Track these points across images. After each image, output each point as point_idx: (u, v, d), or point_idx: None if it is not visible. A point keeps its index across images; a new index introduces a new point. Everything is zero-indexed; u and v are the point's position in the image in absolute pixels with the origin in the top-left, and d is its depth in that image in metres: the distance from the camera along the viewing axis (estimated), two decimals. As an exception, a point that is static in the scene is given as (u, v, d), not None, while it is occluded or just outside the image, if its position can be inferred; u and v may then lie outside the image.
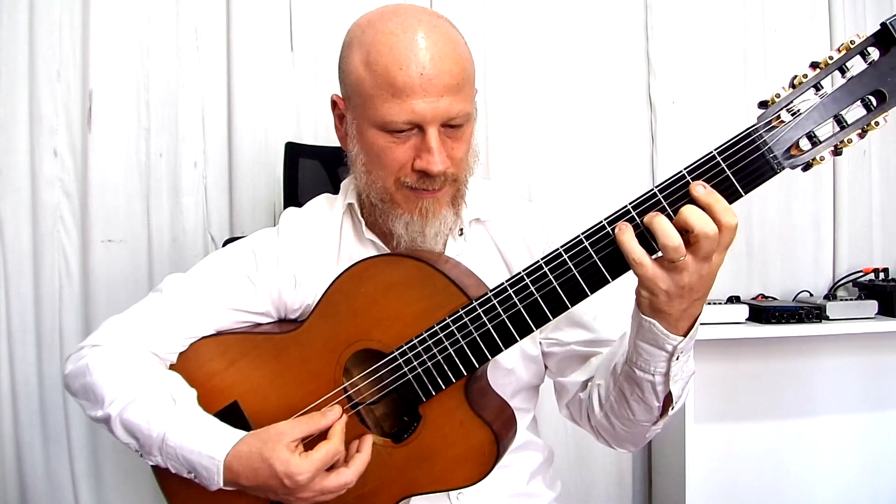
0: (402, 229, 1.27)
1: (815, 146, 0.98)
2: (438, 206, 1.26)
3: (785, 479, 2.63)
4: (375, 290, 1.20)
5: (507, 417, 1.25)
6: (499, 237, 1.39)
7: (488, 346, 1.14)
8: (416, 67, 1.16)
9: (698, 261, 1.00)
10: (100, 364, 1.25)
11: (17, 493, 2.33)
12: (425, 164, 1.20)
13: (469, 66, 1.23)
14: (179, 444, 1.16)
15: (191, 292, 1.32)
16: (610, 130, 2.55)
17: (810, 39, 2.62)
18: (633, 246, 1.02)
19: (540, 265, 1.09)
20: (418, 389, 1.18)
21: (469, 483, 1.20)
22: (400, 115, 1.18)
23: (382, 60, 1.18)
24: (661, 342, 1.09)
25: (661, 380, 1.14)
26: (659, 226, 1.00)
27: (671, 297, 1.03)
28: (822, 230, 2.66)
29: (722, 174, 0.99)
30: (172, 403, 1.20)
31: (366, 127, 1.24)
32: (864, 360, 2.64)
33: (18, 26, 2.25)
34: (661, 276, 1.02)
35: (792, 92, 0.98)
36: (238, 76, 2.35)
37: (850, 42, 0.95)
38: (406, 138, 1.21)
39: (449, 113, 1.19)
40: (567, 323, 1.34)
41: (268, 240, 1.38)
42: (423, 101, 1.17)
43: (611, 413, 1.27)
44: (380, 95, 1.19)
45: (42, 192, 2.30)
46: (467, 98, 1.22)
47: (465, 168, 1.27)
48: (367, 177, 1.28)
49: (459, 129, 1.23)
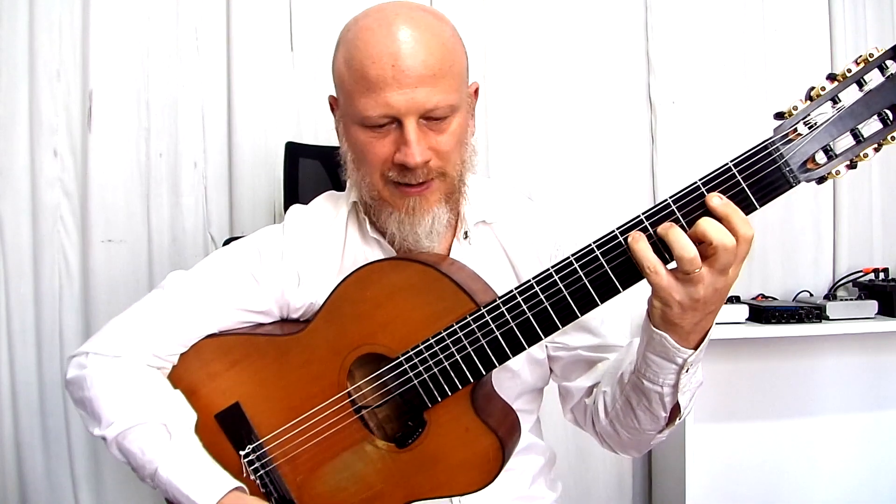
0: (395, 227, 1.27)
1: (831, 160, 0.97)
2: (427, 203, 1.25)
3: (785, 479, 2.64)
4: (381, 294, 1.19)
5: (512, 423, 1.25)
6: (505, 239, 1.37)
7: (496, 353, 1.13)
8: (388, 59, 1.15)
9: (714, 273, 0.99)
10: (99, 379, 1.26)
11: (17, 493, 2.32)
12: (403, 156, 1.19)
13: (452, 56, 1.21)
14: (169, 482, 1.18)
15: (194, 290, 1.31)
16: (610, 130, 2.54)
17: (810, 39, 2.62)
18: (647, 254, 1.01)
19: (550, 273, 1.08)
20: (424, 395, 1.18)
21: (474, 489, 1.19)
22: (375, 109, 1.17)
23: (358, 55, 1.18)
24: (671, 355, 1.09)
25: (669, 391, 1.13)
26: (674, 237, 0.99)
27: (685, 309, 1.03)
28: (822, 230, 2.67)
29: (737, 186, 0.99)
30: (168, 438, 1.21)
31: (349, 124, 1.24)
32: (864, 360, 2.64)
33: (18, 26, 2.24)
34: (675, 286, 1.01)
35: (809, 105, 0.97)
36: (238, 76, 2.35)
37: (869, 55, 0.95)
38: (386, 133, 1.20)
39: (426, 104, 1.17)
40: (574, 327, 1.32)
41: (272, 237, 1.37)
42: (397, 93, 1.15)
43: (616, 421, 1.27)
44: (357, 91, 1.18)
45: (42, 192, 2.29)
46: (449, 89, 1.20)
47: (453, 162, 1.25)
48: (357, 175, 1.28)
49: (442, 122, 1.21)
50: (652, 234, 1.01)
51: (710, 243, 0.97)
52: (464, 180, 1.30)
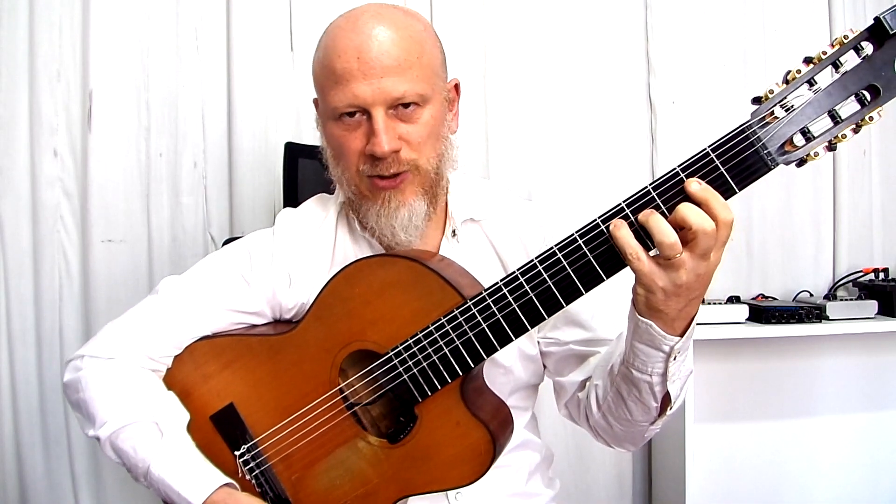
0: (374, 221, 1.28)
1: (809, 142, 0.98)
2: (402, 196, 1.26)
3: (785, 479, 2.63)
4: (369, 291, 1.20)
5: (504, 416, 1.25)
6: (494, 236, 1.38)
7: (483, 345, 1.13)
8: (353, 52, 1.19)
9: (695, 257, 1.00)
10: (94, 381, 1.27)
11: (17, 493, 2.33)
12: (372, 146, 1.21)
13: (421, 48, 1.23)
14: (161, 479, 1.19)
15: (186, 294, 1.33)
16: (610, 130, 2.55)
17: (810, 39, 2.61)
18: (629, 241, 1.01)
19: (534, 264, 1.08)
20: (414, 389, 1.18)
21: (465, 482, 1.19)
22: (343, 100, 1.20)
23: (327, 53, 1.22)
24: (657, 343, 1.09)
25: (658, 380, 1.13)
26: (654, 223, 0.99)
27: (668, 295, 1.03)
28: (822, 230, 2.66)
29: (716, 171, 0.99)
30: (159, 436, 1.22)
31: (326, 121, 1.28)
32: (864, 360, 2.64)
33: (18, 26, 2.25)
34: (658, 272, 1.01)
35: (785, 88, 0.98)
36: (238, 76, 2.36)
37: (844, 37, 0.95)
38: (357, 125, 1.23)
39: (392, 93, 1.19)
40: (565, 322, 1.34)
41: (263, 240, 1.39)
42: (363, 84, 1.18)
43: (608, 413, 1.27)
44: (327, 85, 1.23)
45: (42, 192, 2.30)
46: (418, 79, 1.21)
47: (426, 155, 1.26)
48: (337, 171, 1.30)
49: (413, 111, 1.23)
50: (633, 221, 1.02)
51: (690, 228, 0.98)
52: (441, 174, 1.30)
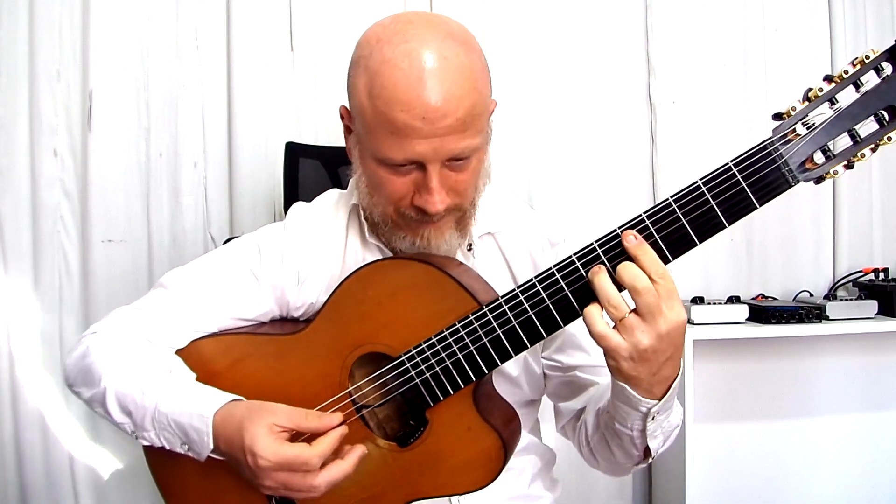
0: (404, 247, 1.26)
1: (829, 160, 0.98)
2: (440, 233, 1.23)
3: (785, 479, 2.64)
4: (383, 293, 1.19)
5: (514, 423, 1.25)
6: (507, 249, 1.36)
7: (498, 351, 1.13)
8: (418, 109, 1.09)
9: (644, 318, 0.99)
10: (100, 345, 1.23)
11: (17, 493, 2.33)
12: (423, 202, 1.16)
13: (482, 97, 1.18)
14: (171, 410, 1.14)
15: (194, 288, 1.30)
16: (610, 131, 2.56)
17: (810, 39, 2.63)
18: (592, 314, 1.03)
19: (552, 272, 1.08)
20: (426, 394, 1.17)
21: (475, 488, 1.19)
22: (399, 154, 1.13)
23: (385, 96, 1.10)
24: (634, 404, 1.09)
25: (638, 435, 1.14)
26: (598, 283, 1.01)
27: (635, 360, 1.02)
28: (822, 230, 2.67)
29: (737, 186, 0.99)
30: (168, 373, 1.19)
31: (367, 156, 1.20)
32: (864, 360, 2.65)
33: (18, 26, 2.25)
34: (616, 338, 1.01)
35: (807, 105, 0.98)
36: (238, 76, 2.36)
37: (865, 57, 0.95)
38: (407, 172, 1.16)
39: (452, 152, 1.13)
40: (570, 346, 1.34)
41: (273, 235, 1.35)
42: (424, 142, 1.11)
43: (595, 451, 1.29)
44: (380, 130, 1.13)
45: (42, 192, 2.30)
46: (476, 131, 1.16)
47: (468, 196, 1.23)
48: (369, 199, 1.25)
49: (465, 161, 1.18)
50: (583, 274, 1.04)
51: (629, 287, 0.98)
52: (475, 205, 1.28)
